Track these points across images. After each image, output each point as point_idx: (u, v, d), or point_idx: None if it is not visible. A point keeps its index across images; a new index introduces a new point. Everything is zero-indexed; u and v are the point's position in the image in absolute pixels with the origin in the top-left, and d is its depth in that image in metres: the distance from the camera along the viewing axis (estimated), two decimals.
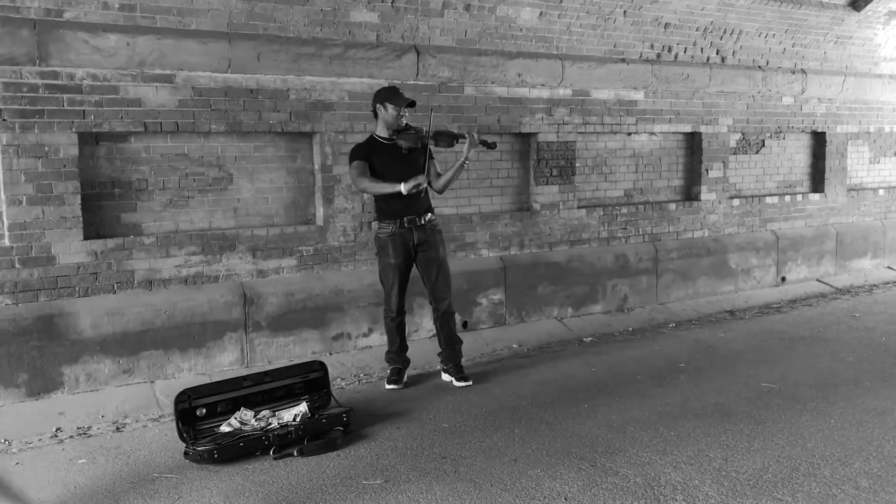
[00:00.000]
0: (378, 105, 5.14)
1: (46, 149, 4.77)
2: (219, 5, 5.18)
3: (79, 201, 4.90)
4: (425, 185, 5.02)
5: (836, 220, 9.10)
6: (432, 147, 5.09)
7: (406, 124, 5.16)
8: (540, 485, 3.62)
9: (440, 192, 5.32)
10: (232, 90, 5.34)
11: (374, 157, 5.09)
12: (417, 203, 5.14)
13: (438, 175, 5.21)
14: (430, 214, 5.22)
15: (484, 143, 5.19)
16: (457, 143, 5.18)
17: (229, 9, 5.23)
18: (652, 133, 7.63)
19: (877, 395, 4.84)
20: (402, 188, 4.91)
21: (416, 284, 5.39)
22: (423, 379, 5.39)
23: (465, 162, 5.12)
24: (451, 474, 3.77)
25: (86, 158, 5.00)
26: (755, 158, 8.53)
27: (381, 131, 5.17)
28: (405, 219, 5.12)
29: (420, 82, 6.06)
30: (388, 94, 5.14)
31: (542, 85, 6.72)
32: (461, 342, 5.37)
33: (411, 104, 5.12)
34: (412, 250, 5.19)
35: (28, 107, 4.70)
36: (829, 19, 8.31)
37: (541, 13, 6.56)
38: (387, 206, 5.15)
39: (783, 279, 8.53)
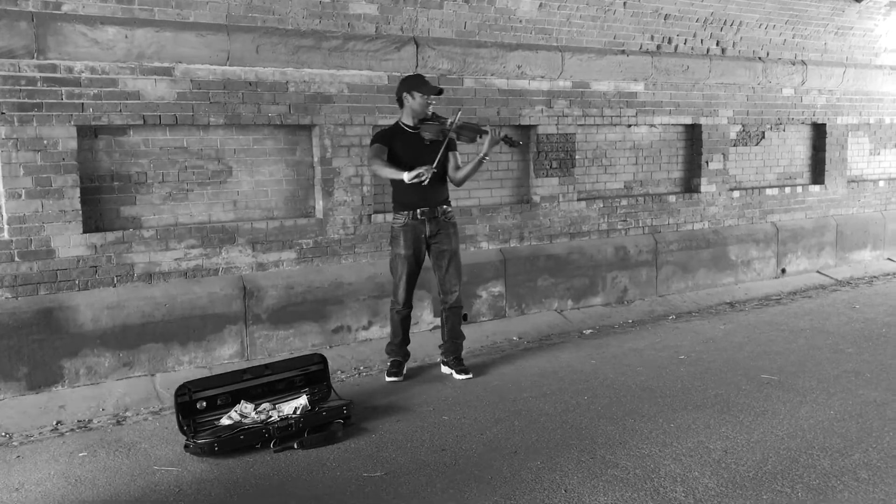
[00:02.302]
0: (405, 93, 5.07)
1: (45, 142, 4.77)
2: None
3: (78, 195, 4.90)
4: (428, 178, 4.81)
5: (836, 212, 9.09)
6: (454, 140, 5.04)
7: (433, 113, 5.13)
8: (540, 477, 3.63)
9: (458, 185, 5.30)
10: (231, 83, 5.33)
11: (397, 143, 5.04)
12: (433, 194, 5.09)
13: (458, 168, 5.17)
14: (445, 206, 5.20)
15: (507, 139, 5.14)
16: (479, 138, 5.12)
17: (227, 1, 5.21)
18: (652, 125, 7.62)
19: (877, 387, 4.84)
20: (405, 177, 4.81)
21: (420, 277, 5.38)
22: (423, 371, 5.39)
23: (484, 158, 5.08)
24: (451, 466, 3.78)
25: (85, 152, 5.00)
26: (755, 150, 8.52)
27: (407, 119, 5.12)
28: (419, 210, 5.09)
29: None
30: (416, 83, 5.08)
31: (542, 77, 6.70)
32: (464, 337, 5.36)
33: (439, 92, 5.09)
34: (424, 242, 5.16)
35: (26, 100, 4.70)
36: (829, 10, 8.29)
37: (540, 4, 6.54)
38: (401, 197, 5.11)
39: (783, 271, 8.53)
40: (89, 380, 4.94)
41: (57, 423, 4.52)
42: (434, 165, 4.88)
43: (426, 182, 4.84)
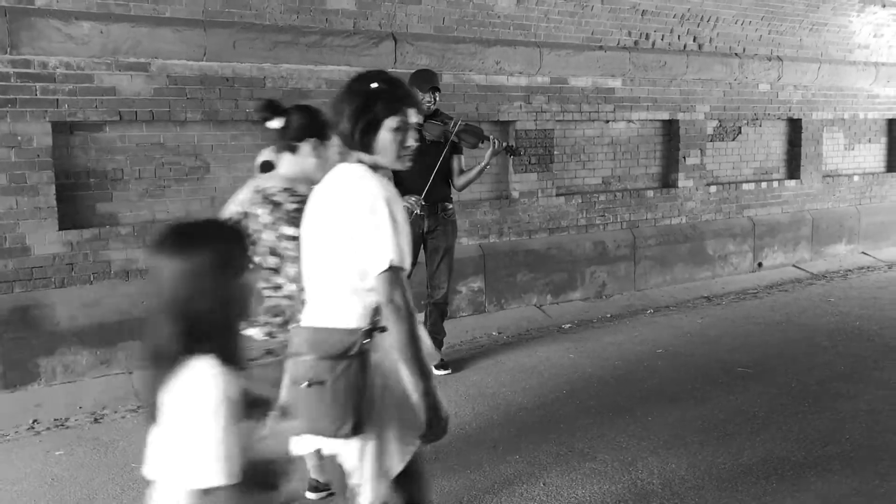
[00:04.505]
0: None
1: (19, 138, 4.72)
2: None
3: (53, 192, 4.85)
4: (416, 210, 4.84)
5: (811, 207, 9.19)
6: (457, 143, 5.02)
7: (436, 110, 5.09)
8: (519, 470, 3.65)
9: (460, 190, 5.30)
10: (208, 78, 5.30)
11: None
12: (433, 190, 5.03)
13: (462, 172, 5.16)
14: (446, 203, 5.17)
15: (508, 149, 5.14)
16: (481, 144, 5.11)
17: None
18: (629, 120, 7.66)
19: (850, 379, 4.91)
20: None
21: None
22: None
23: (486, 167, 5.11)
24: (430, 461, 3.77)
25: (60, 148, 4.95)
26: (732, 145, 8.59)
27: None
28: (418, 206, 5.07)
29: (398, 70, 6.04)
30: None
31: (520, 73, 6.72)
32: (444, 334, 5.37)
33: (434, 89, 5.02)
34: (421, 238, 5.14)
35: (0, 95, 4.64)
36: (804, 6, 8.37)
37: (518, 0, 6.55)
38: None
39: (760, 265, 8.62)
40: (66, 378, 4.90)
41: (33, 422, 4.48)
42: (422, 198, 4.90)
43: (417, 212, 4.86)
